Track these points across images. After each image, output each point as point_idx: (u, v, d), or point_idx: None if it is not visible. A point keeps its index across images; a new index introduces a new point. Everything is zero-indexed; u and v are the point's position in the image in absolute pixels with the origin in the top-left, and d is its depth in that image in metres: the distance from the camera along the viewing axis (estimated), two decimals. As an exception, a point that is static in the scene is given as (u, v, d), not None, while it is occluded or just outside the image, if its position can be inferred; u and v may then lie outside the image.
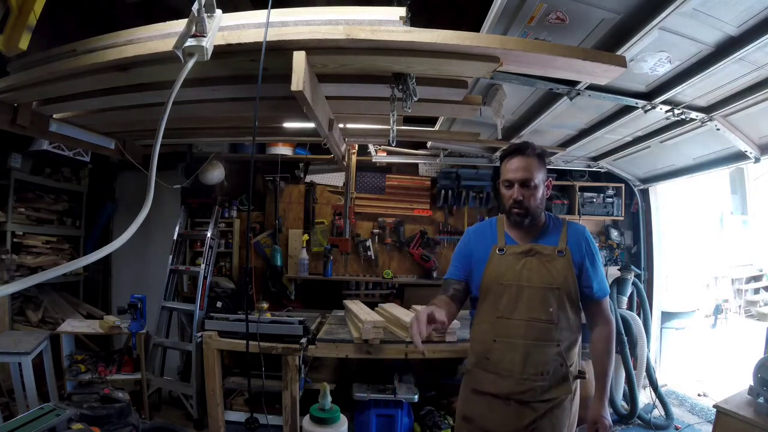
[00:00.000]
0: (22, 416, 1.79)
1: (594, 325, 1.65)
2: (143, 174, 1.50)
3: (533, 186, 1.54)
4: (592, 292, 1.59)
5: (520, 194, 1.53)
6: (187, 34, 1.38)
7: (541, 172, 1.57)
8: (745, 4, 1.58)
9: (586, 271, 1.59)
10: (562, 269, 1.55)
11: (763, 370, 2.12)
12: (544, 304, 1.52)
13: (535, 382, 1.50)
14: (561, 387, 1.53)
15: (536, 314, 1.52)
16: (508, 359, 1.53)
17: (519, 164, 1.55)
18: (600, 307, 1.63)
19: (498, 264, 1.60)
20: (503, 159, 1.62)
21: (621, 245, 4.30)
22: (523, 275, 1.56)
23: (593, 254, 1.61)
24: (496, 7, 1.64)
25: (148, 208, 1.05)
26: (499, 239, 1.64)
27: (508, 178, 1.57)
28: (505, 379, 1.53)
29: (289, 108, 2.00)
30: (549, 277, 1.54)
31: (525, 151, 1.56)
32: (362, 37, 1.49)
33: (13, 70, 2.01)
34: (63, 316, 3.48)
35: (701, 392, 3.91)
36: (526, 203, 1.54)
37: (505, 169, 1.59)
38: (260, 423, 2.69)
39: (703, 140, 2.94)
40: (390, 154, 4.02)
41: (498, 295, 1.57)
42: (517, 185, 1.54)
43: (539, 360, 1.51)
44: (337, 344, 2.87)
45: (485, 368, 1.59)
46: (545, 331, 1.52)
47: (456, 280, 1.69)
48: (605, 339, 1.62)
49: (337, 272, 4.05)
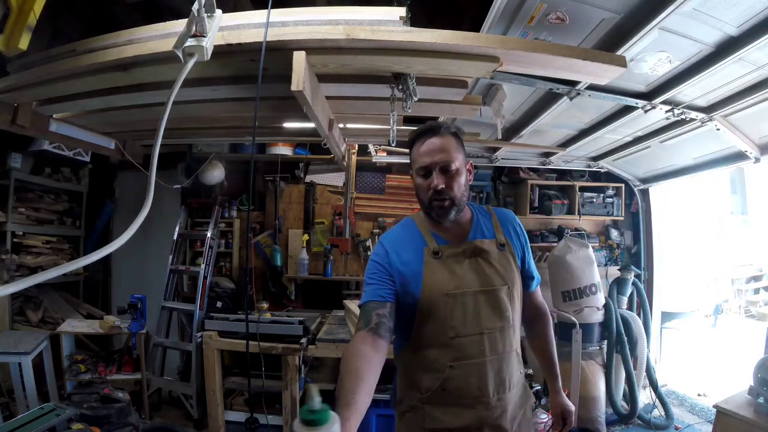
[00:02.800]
0: (22, 416, 1.79)
1: (535, 317, 1.52)
2: (143, 174, 1.50)
3: (454, 170, 1.29)
4: (532, 282, 1.46)
5: (442, 181, 1.27)
6: (187, 34, 1.38)
7: (460, 154, 1.33)
8: (745, 4, 1.58)
9: (528, 261, 1.43)
10: (507, 264, 1.34)
11: (763, 370, 2.13)
12: (499, 309, 1.28)
13: (505, 401, 1.28)
14: (524, 397, 1.39)
15: (493, 323, 1.27)
16: (474, 384, 1.25)
17: (434, 145, 1.29)
18: (537, 297, 1.52)
19: (437, 271, 1.28)
20: (413, 143, 1.34)
21: (621, 245, 4.31)
22: (470, 280, 1.28)
23: (526, 240, 1.44)
24: (496, 7, 1.65)
25: (148, 208, 1.05)
26: (428, 241, 1.33)
27: (424, 164, 1.29)
28: (471, 408, 1.25)
29: (289, 108, 2.00)
30: (498, 277, 1.31)
31: (438, 130, 1.31)
32: (362, 37, 1.49)
33: (13, 70, 2.00)
34: (63, 316, 3.49)
35: (701, 392, 3.91)
36: (449, 192, 1.28)
37: (418, 153, 1.31)
38: (260, 423, 2.69)
39: (703, 140, 2.94)
40: (390, 154, 4.02)
41: (446, 309, 1.25)
42: (435, 171, 1.27)
43: (506, 374, 1.28)
44: (337, 344, 2.87)
45: (442, 402, 1.26)
46: (505, 340, 1.29)
47: (378, 302, 1.24)
48: (548, 327, 1.53)
49: (337, 272, 4.05)
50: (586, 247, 3.54)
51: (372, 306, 1.24)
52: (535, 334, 1.54)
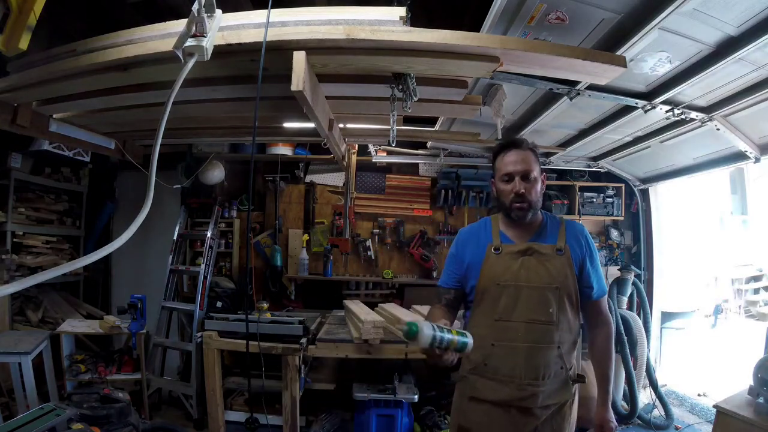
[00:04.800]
0: (22, 416, 1.79)
1: (593, 326, 1.61)
2: (143, 174, 1.50)
3: (533, 179, 1.51)
4: (592, 292, 1.56)
5: (522, 187, 1.49)
6: (187, 34, 1.38)
7: (537, 166, 1.54)
8: (745, 4, 1.58)
9: (587, 270, 1.54)
10: (561, 268, 1.50)
11: (763, 370, 2.12)
12: (543, 305, 1.47)
13: (537, 387, 1.45)
14: (561, 392, 1.50)
15: (536, 315, 1.46)
16: (509, 364, 1.47)
17: (517, 157, 1.52)
18: (599, 308, 1.60)
19: (494, 264, 1.53)
20: (497, 154, 1.58)
21: (621, 245, 4.30)
22: (521, 275, 1.50)
23: (593, 252, 1.57)
24: (496, 7, 1.65)
25: (148, 208, 1.05)
26: (494, 238, 1.58)
27: (508, 172, 1.52)
28: (505, 385, 1.47)
29: (289, 108, 2.00)
30: (548, 277, 1.49)
31: (521, 144, 1.54)
32: (362, 37, 1.49)
33: (13, 70, 2.00)
34: (63, 316, 3.48)
35: (701, 392, 3.91)
36: (528, 196, 1.49)
37: (503, 163, 1.55)
38: (260, 423, 2.69)
39: (703, 140, 2.94)
40: (390, 154, 4.02)
41: (495, 296, 1.51)
42: (517, 178, 1.50)
43: (540, 363, 1.46)
44: (337, 344, 2.87)
45: (483, 375, 1.51)
46: (545, 333, 1.46)
47: (447, 289, 1.63)
48: (605, 340, 1.59)
49: (337, 272, 4.05)
50: (586, 247, 3.53)
51: (442, 291, 1.65)
52: (592, 343, 1.63)
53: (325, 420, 3.08)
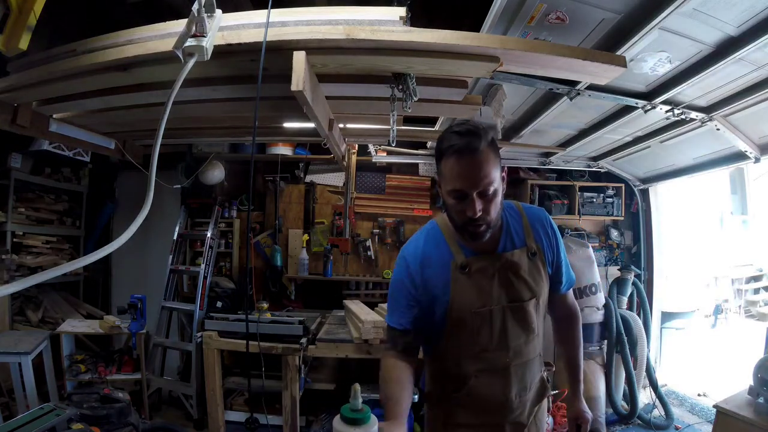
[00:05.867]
0: (22, 416, 1.79)
1: (563, 317, 1.46)
2: (143, 174, 1.50)
3: (492, 192, 1.13)
4: (561, 286, 1.39)
5: (480, 207, 1.11)
6: (187, 34, 1.38)
7: (498, 169, 1.14)
8: (745, 4, 1.58)
9: (558, 264, 1.34)
10: (537, 273, 1.28)
11: (763, 370, 2.12)
12: (526, 322, 1.26)
13: (527, 399, 1.32)
14: (543, 390, 1.40)
15: (521, 335, 1.26)
16: (498, 391, 1.27)
17: (470, 167, 1.10)
18: (568, 299, 1.46)
19: (465, 287, 1.23)
20: (442, 155, 1.14)
21: (621, 245, 4.31)
22: (500, 296, 1.24)
23: (558, 240, 1.34)
24: (496, 7, 1.64)
25: (148, 208, 1.05)
26: (456, 255, 1.24)
27: (459, 189, 1.12)
28: (495, 411, 1.28)
29: (289, 108, 2.00)
30: (527, 290, 1.26)
31: (475, 147, 1.09)
32: (362, 37, 1.49)
33: (13, 70, 2.00)
34: (63, 316, 3.48)
35: (701, 392, 3.91)
36: (486, 217, 1.14)
37: (450, 173, 1.13)
38: (260, 423, 2.69)
39: (703, 140, 2.94)
40: (390, 154, 4.02)
41: (474, 327, 1.23)
42: (473, 195, 1.11)
43: (528, 379, 1.31)
44: (337, 344, 2.87)
45: (464, 405, 1.29)
46: (529, 348, 1.29)
47: (403, 331, 1.26)
48: (575, 330, 1.46)
49: (337, 272, 4.05)
50: (586, 247, 3.54)
51: (396, 334, 1.28)
52: (561, 335, 1.50)
53: (325, 420, 3.07)
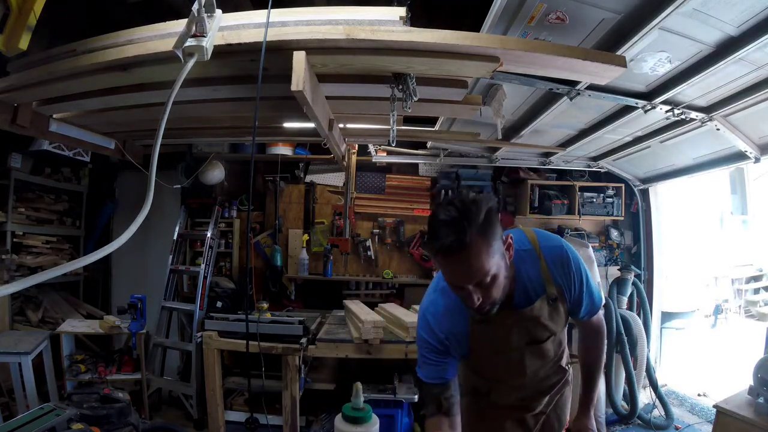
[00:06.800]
0: (22, 416, 1.79)
1: (586, 330, 1.50)
2: (143, 174, 1.50)
3: (491, 279, 1.09)
4: (579, 315, 1.38)
5: (479, 296, 1.10)
6: (187, 34, 1.38)
7: (495, 255, 1.07)
8: (745, 4, 1.58)
9: (578, 297, 1.31)
10: (557, 315, 1.30)
11: (763, 370, 2.13)
12: (544, 355, 1.37)
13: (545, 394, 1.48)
14: (564, 379, 1.50)
15: (537, 363, 1.38)
16: (515, 394, 1.45)
17: (461, 266, 1.06)
18: (593, 320, 1.46)
19: (483, 336, 1.28)
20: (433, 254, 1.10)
21: (621, 245, 4.31)
22: (517, 341, 1.30)
23: (582, 276, 1.28)
24: (496, 7, 1.64)
25: (148, 208, 1.05)
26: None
27: (453, 284, 1.13)
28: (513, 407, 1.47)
29: (289, 108, 2.00)
30: (545, 332, 1.31)
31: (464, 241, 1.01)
32: (362, 37, 1.49)
33: (13, 70, 2.00)
34: (63, 316, 3.48)
35: (701, 392, 3.91)
36: (488, 301, 1.13)
37: (443, 270, 1.13)
38: (260, 423, 2.69)
39: (703, 140, 2.94)
40: (390, 154, 4.02)
41: (493, 361, 1.36)
42: (469, 288, 1.09)
43: (546, 383, 1.47)
44: (337, 344, 2.87)
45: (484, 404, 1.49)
46: (547, 366, 1.44)
47: (440, 386, 1.29)
48: (596, 343, 1.49)
49: (337, 272, 4.05)
50: (586, 247, 3.54)
51: (437, 391, 1.30)
52: (583, 344, 1.53)
53: (325, 420, 3.07)
